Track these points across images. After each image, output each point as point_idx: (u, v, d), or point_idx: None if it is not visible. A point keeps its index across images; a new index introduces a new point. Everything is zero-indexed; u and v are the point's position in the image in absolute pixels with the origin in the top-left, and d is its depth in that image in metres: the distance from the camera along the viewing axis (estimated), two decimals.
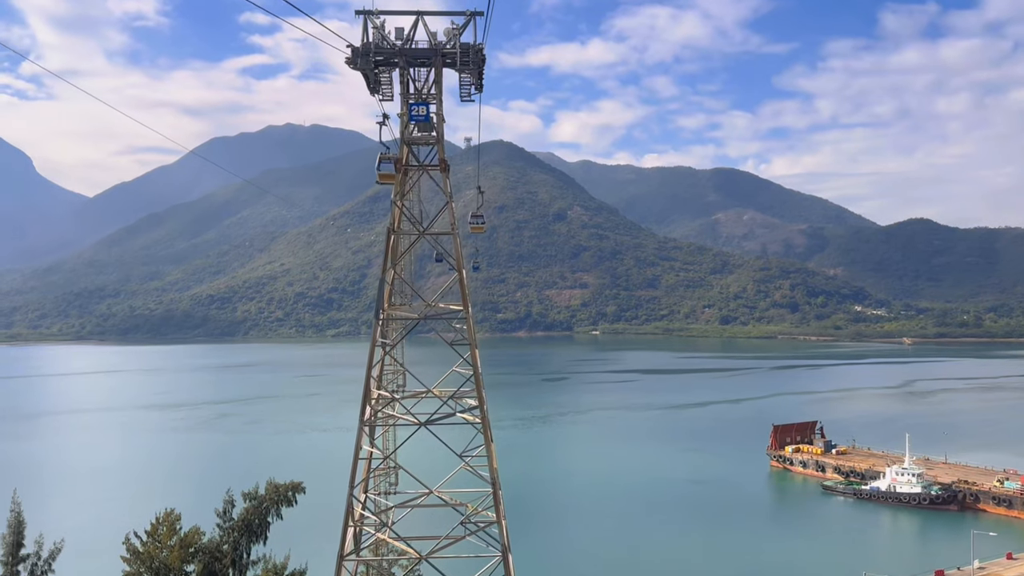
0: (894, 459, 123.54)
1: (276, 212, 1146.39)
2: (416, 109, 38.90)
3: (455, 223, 41.12)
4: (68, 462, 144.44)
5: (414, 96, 41.12)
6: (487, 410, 40.93)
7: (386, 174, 40.43)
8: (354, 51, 37.63)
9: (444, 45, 39.73)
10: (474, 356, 40.16)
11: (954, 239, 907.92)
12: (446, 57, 39.85)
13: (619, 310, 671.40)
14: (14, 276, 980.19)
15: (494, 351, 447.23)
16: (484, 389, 41.24)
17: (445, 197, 40.53)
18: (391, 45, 39.07)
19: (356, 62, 37.60)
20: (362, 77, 40.97)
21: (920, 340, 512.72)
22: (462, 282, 39.74)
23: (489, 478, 39.91)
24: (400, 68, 40.43)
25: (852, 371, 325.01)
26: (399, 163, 40.58)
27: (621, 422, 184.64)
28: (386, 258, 39.63)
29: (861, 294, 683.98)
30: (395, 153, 39.60)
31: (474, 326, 41.28)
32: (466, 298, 40.36)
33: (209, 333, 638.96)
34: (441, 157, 40.56)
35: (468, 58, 38.57)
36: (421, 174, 42.28)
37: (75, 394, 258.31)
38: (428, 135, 41.52)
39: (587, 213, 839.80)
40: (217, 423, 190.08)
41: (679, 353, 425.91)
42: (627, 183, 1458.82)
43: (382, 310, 40.06)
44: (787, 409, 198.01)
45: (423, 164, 41.17)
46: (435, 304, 43.57)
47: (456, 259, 39.75)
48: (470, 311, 40.49)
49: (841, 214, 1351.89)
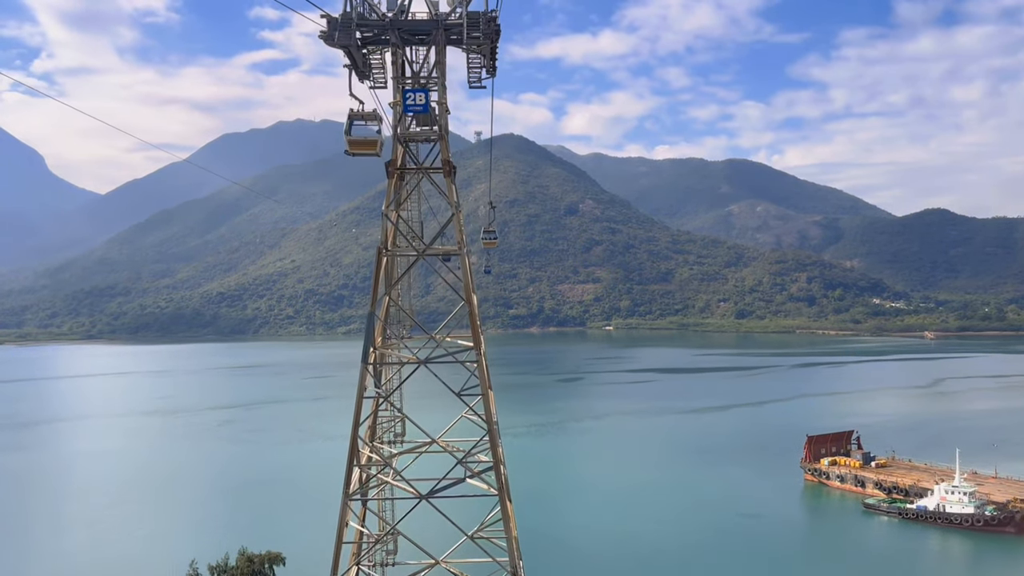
0: (940, 473, 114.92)
1: (287, 208, 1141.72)
2: (412, 97, 30.59)
3: (464, 239, 32.94)
4: (58, 477, 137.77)
5: (411, 81, 33.13)
6: (506, 475, 32.67)
7: (361, 140, 30.85)
8: (331, 22, 29.26)
9: (447, 16, 31.80)
10: (488, 404, 32.07)
11: (972, 229, 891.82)
12: (450, 31, 31.68)
13: (633, 305, 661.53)
14: (26, 274, 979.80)
15: (506, 348, 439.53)
16: (501, 444, 33.14)
17: (450, 207, 32.37)
18: (380, 16, 31.13)
19: (333, 36, 29.47)
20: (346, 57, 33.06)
21: (942, 334, 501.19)
22: (472, 313, 31.57)
23: (509, 564, 31.90)
24: (393, 47, 32.36)
25: (877, 369, 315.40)
26: (393, 164, 32.54)
27: (640, 429, 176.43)
28: (376, 285, 31.48)
29: (879, 286, 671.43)
30: (380, 128, 31.03)
31: (487, 366, 33.12)
32: (477, 331, 32.15)
33: (219, 331, 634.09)
34: (445, 158, 32.35)
35: (478, 31, 30.11)
36: (421, 178, 34.26)
37: (78, 399, 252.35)
38: (429, 130, 33.39)
39: (599, 206, 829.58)
40: (219, 431, 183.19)
41: (695, 349, 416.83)
42: (639, 176, 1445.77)
43: (372, 349, 32.13)
44: (814, 413, 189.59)
45: (422, 166, 33.15)
46: (440, 336, 35.65)
47: (465, 286, 31.55)
48: (483, 347, 32.37)
49: (856, 205, 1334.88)
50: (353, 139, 30.86)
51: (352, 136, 30.86)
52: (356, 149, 31.12)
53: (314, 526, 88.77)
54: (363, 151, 31.11)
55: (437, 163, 33.10)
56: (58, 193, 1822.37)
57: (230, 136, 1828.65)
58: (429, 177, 34.42)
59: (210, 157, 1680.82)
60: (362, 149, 31.05)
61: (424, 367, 33.43)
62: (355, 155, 31.41)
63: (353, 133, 30.76)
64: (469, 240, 35.78)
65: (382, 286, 32.71)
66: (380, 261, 31.55)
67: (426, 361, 32.42)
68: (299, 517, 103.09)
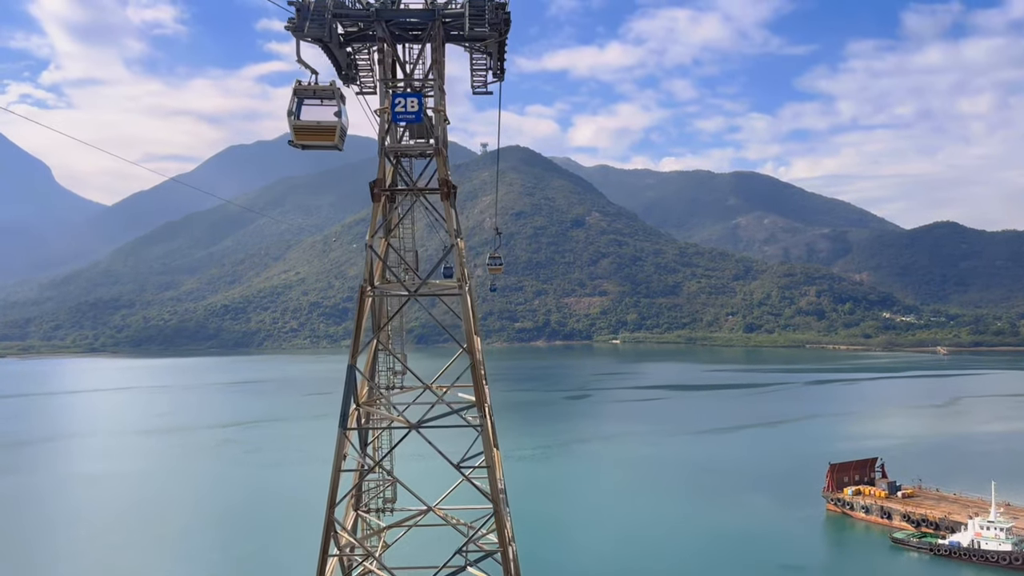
0: (971, 504, 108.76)
1: (292, 220, 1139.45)
2: (403, 103, 24.94)
3: (465, 274, 27.35)
4: (43, 503, 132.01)
5: (402, 84, 27.77)
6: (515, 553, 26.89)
7: (313, 126, 23.24)
8: (300, 10, 23.84)
9: (446, 6, 26.44)
10: (494, 475, 26.36)
11: (981, 242, 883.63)
12: (449, 25, 26.50)
13: (640, 318, 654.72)
14: (31, 286, 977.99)
15: (513, 362, 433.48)
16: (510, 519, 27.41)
17: (448, 236, 26.87)
18: (365, 6, 25.75)
19: (302, 27, 24.03)
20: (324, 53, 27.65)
21: (955, 349, 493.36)
22: (475, 365, 26.00)
23: None
24: (380, 42, 27.03)
25: (891, 386, 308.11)
26: (380, 185, 27.03)
27: (650, 452, 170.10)
28: (358, 330, 25.91)
29: (889, 300, 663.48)
30: (340, 110, 23.51)
31: (494, 426, 27.47)
32: (481, 386, 26.51)
33: (222, 344, 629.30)
34: (442, 176, 26.76)
35: (483, 21, 24.48)
36: (415, 201, 28.83)
37: (73, 417, 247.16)
38: (424, 143, 28.03)
39: (605, 219, 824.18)
40: (216, 451, 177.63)
41: (704, 365, 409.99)
42: (645, 188, 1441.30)
43: (355, 406, 26.58)
44: (831, 435, 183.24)
45: (415, 187, 27.67)
46: (437, 386, 30.10)
47: (467, 331, 25.94)
48: (488, 403, 26.80)
49: (864, 217, 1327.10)
50: (301, 125, 23.31)
51: (300, 121, 23.31)
52: (305, 139, 23.54)
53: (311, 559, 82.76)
54: (316, 141, 23.69)
55: (434, 182, 27.57)
56: (64, 204, 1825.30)
57: (236, 148, 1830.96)
58: (425, 199, 28.94)
59: (216, 169, 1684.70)
60: (314, 138, 23.58)
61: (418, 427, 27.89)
62: (304, 147, 24.09)
63: (302, 116, 23.21)
64: (473, 254, 29.87)
65: (367, 330, 27.12)
66: (363, 302, 25.93)
67: (418, 426, 26.79)
68: (294, 552, 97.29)
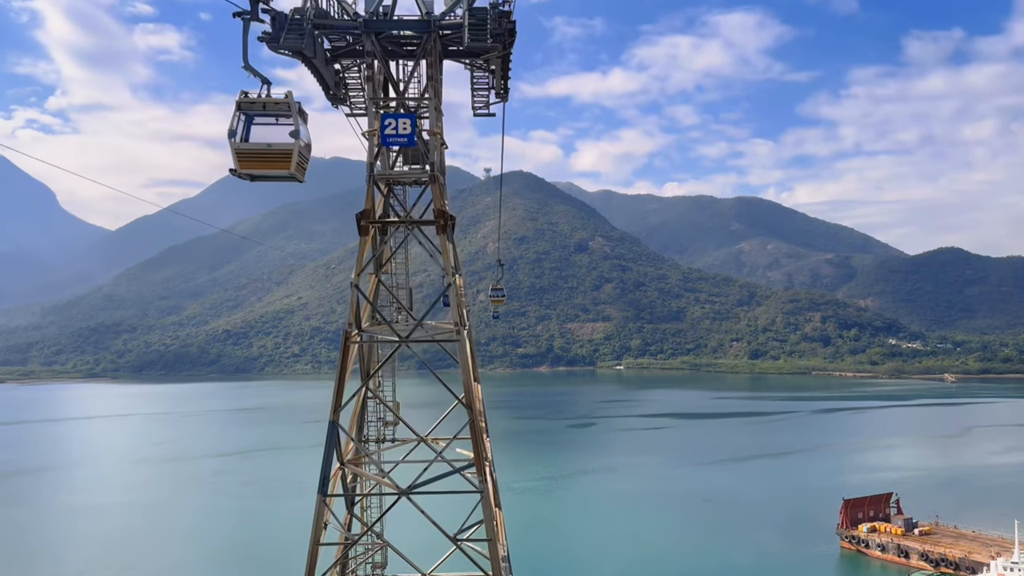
0: (991, 542, 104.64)
1: (296, 244, 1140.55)
2: (393, 124, 22.22)
3: (464, 316, 24.28)
4: (31, 537, 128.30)
5: (394, 104, 24.92)
6: None
7: (261, 151, 19.03)
8: (276, 20, 21.00)
9: (443, 17, 23.65)
10: (495, 549, 23.15)
11: (986, 268, 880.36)
12: (447, 37, 23.73)
13: (644, 344, 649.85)
14: (33, 311, 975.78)
15: (515, 388, 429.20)
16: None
17: (444, 273, 23.85)
18: (351, 17, 22.99)
19: (279, 38, 21.17)
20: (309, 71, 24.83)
21: (963, 376, 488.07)
22: (475, 422, 22.85)
23: None
24: (369, 57, 24.24)
25: (900, 415, 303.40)
26: (368, 216, 24.05)
27: (657, 485, 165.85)
28: (340, 382, 22.82)
29: (895, 326, 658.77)
30: (298, 129, 19.50)
31: (496, 485, 24.28)
32: (481, 447, 23.37)
33: (224, 370, 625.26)
34: (438, 207, 23.73)
35: (484, 33, 21.44)
36: (408, 234, 25.89)
37: (68, 445, 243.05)
38: (419, 170, 25.13)
39: (609, 244, 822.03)
40: (209, 482, 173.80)
41: (710, 392, 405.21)
42: (648, 213, 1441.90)
43: (340, 465, 23.46)
44: (842, 467, 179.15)
45: (408, 217, 24.78)
46: (433, 439, 26.96)
47: (465, 382, 22.86)
48: (489, 462, 23.64)
49: (867, 243, 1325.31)
50: (247, 149, 19.08)
51: (246, 144, 19.08)
52: (253, 166, 19.14)
53: None
54: (267, 170, 19.32)
55: (429, 213, 24.59)
56: (68, 229, 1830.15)
57: None
58: (420, 230, 25.95)
59: (220, 193, 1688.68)
60: (264, 166, 19.17)
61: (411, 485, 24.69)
62: (252, 178, 19.82)
63: (251, 138, 19.09)
64: (475, 279, 26.73)
65: (353, 377, 24.02)
66: (347, 349, 22.80)
67: (409, 491, 23.60)
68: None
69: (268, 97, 19.53)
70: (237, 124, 19.29)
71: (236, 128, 19.22)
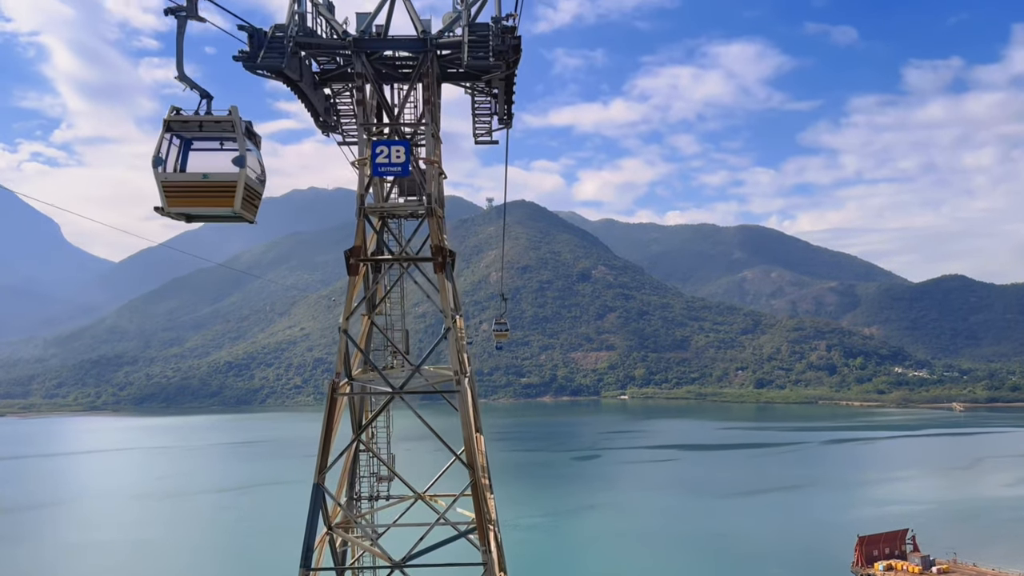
0: None
1: (299, 275, 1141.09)
2: (385, 152, 20.21)
3: (466, 362, 22.00)
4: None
5: (387, 130, 22.87)
6: None
7: (195, 185, 15.97)
8: (254, 38, 19.00)
9: (440, 35, 21.65)
10: None
11: (991, 295, 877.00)
12: (446, 57, 21.69)
13: (648, 373, 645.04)
14: (36, 343, 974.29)
15: (519, 419, 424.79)
16: None
17: (443, 314, 21.60)
18: (340, 35, 21.01)
19: (256, 57, 19.12)
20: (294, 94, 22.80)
21: (971, 405, 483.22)
22: (477, 485, 20.45)
23: None
24: (360, 79, 22.24)
25: (909, 445, 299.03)
26: (358, 253, 21.90)
27: (666, 521, 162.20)
28: (327, 440, 20.54)
29: (900, 355, 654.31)
30: (244, 156, 15.91)
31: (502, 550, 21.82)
32: (485, 507, 20.95)
33: (225, 402, 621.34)
34: (436, 243, 21.62)
35: (487, 49, 19.14)
36: (404, 272, 23.71)
37: (67, 481, 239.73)
38: (415, 202, 23.02)
39: (612, 272, 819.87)
40: (213, 518, 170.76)
41: (716, 422, 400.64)
42: (650, 241, 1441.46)
43: (327, 530, 21.05)
44: (854, 501, 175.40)
45: (404, 253, 22.60)
46: (431, 495, 24.58)
47: (467, 442, 20.51)
48: (493, 525, 21.23)
49: (871, 270, 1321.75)
50: (177, 181, 15.77)
51: (176, 175, 15.78)
52: (185, 202, 15.64)
53: None
54: (204, 208, 16.07)
55: (427, 251, 22.37)
56: (72, 261, 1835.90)
57: None
58: (417, 267, 23.74)
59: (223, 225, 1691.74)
60: (200, 203, 15.74)
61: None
62: (188, 218, 16.53)
63: (189, 167, 15.86)
64: (478, 308, 24.52)
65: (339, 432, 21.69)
66: (334, 402, 20.48)
67: (403, 563, 21.17)
68: None
69: (208, 115, 16.21)
70: (167, 149, 15.87)
71: (165, 154, 15.77)
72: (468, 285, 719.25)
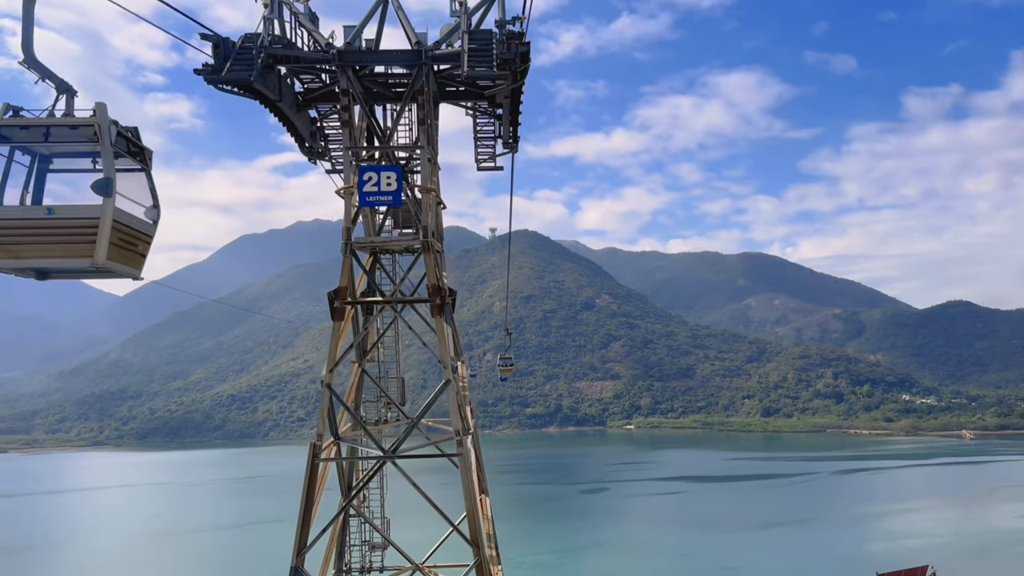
0: None
1: (303, 307, 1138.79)
2: (374, 179, 17.70)
3: (468, 419, 19.28)
4: None
5: (378, 154, 20.30)
6: None
7: (24, 229, 12.07)
8: (220, 48, 16.57)
9: (436, 46, 19.17)
10: None
11: (996, 321, 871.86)
12: (443, 72, 19.17)
13: (654, 402, 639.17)
14: (39, 378, 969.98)
15: (524, 451, 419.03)
16: None
17: (441, 363, 18.85)
18: (323, 48, 18.56)
19: (220, 69, 16.56)
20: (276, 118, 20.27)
21: (980, 433, 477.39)
22: (484, 566, 17.70)
23: None
24: (344, 95, 19.75)
25: (921, 475, 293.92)
26: (343, 294, 19.26)
27: (675, 557, 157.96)
28: (307, 515, 17.77)
29: (908, 381, 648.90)
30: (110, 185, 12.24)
31: None
32: None
33: (228, 436, 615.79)
34: (432, 282, 18.97)
35: (489, 58, 16.20)
36: (397, 315, 21.06)
37: (66, 519, 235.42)
38: (411, 236, 20.39)
39: (616, 301, 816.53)
40: (211, 558, 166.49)
41: (724, 452, 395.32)
42: (654, 269, 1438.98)
43: None
44: (868, 533, 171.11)
45: (398, 295, 19.97)
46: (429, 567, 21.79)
47: (469, 513, 17.68)
48: None
49: (875, 297, 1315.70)
50: (13, 222, 11.73)
51: (12, 212, 11.74)
52: (24, 253, 11.74)
53: None
54: (51, 259, 12.10)
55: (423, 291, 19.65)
56: (77, 295, 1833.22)
57: (248, 237, 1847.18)
58: (413, 308, 21.03)
59: (228, 257, 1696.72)
60: (47, 253, 11.80)
61: None
62: (39, 274, 12.83)
63: (44, 197, 12.03)
64: (482, 339, 22.31)
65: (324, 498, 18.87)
66: (315, 468, 17.74)
67: None
68: None
69: (69, 116, 12.06)
70: (1, 170, 11.60)
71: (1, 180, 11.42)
72: (471, 315, 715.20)
